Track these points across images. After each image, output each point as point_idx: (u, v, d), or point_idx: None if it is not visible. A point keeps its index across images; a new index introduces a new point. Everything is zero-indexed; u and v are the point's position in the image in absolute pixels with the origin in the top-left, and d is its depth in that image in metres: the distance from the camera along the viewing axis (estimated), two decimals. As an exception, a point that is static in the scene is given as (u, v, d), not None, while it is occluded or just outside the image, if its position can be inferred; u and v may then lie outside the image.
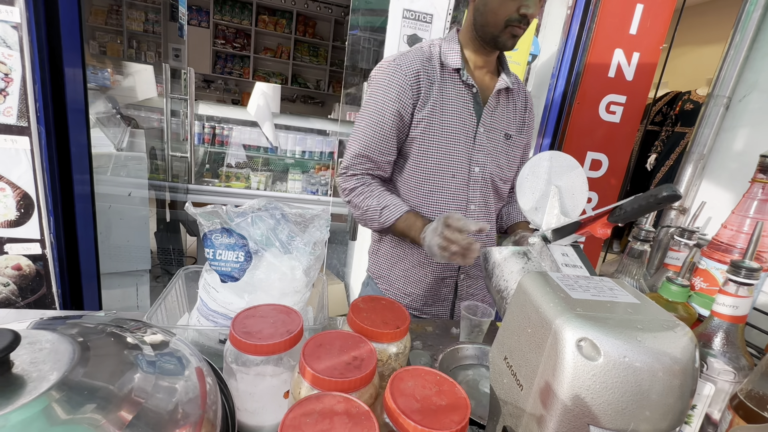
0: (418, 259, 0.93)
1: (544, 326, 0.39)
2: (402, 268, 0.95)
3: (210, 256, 0.56)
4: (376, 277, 1.00)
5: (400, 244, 0.94)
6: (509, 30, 0.81)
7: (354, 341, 0.51)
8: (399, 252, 0.95)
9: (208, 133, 2.61)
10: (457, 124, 0.88)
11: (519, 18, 0.79)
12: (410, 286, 0.95)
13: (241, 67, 5.88)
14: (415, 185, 0.91)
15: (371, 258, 1.03)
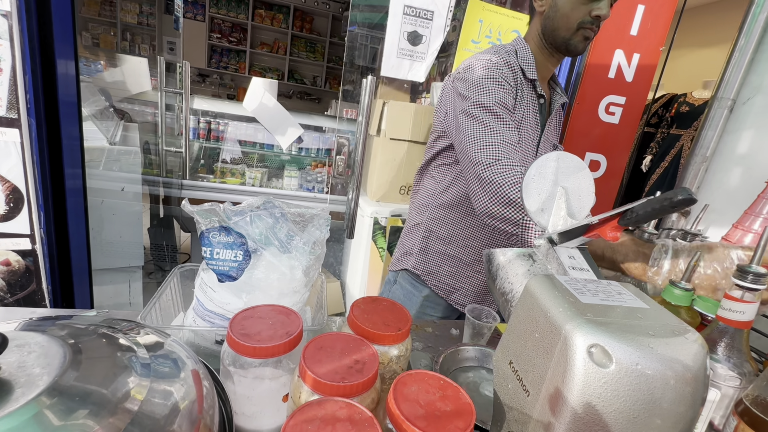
0: (469, 259, 0.95)
1: (552, 331, 0.38)
2: (451, 264, 0.97)
3: (207, 254, 0.54)
4: (425, 274, 1.01)
5: (450, 243, 0.96)
6: (581, 33, 0.80)
7: (355, 344, 0.50)
8: (450, 251, 0.97)
9: (203, 128, 2.58)
10: (529, 132, 0.89)
11: (591, 20, 0.79)
12: (460, 281, 0.97)
13: (236, 61, 5.82)
14: None
15: (418, 256, 1.01)
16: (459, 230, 0.95)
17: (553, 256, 0.49)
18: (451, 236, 0.96)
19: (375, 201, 1.99)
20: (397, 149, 1.94)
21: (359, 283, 1.92)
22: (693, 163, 0.98)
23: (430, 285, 0.99)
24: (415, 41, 1.45)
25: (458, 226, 0.95)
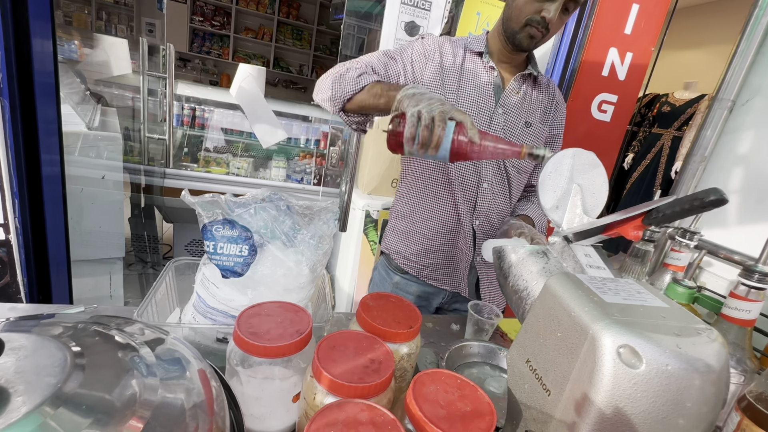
0: (431, 233, 0.96)
1: (578, 331, 0.38)
2: (416, 241, 0.98)
3: (210, 249, 0.52)
4: (394, 252, 1.03)
5: (413, 219, 0.98)
6: (528, 30, 0.83)
7: (368, 342, 0.48)
8: (413, 227, 0.98)
9: (187, 115, 2.49)
10: (474, 100, 0.90)
11: (539, 20, 0.81)
12: (426, 257, 0.98)
13: (219, 46, 5.62)
14: (430, 164, 0.93)
15: (387, 236, 1.05)
16: (420, 205, 0.96)
17: (569, 254, 0.49)
18: (412, 212, 0.97)
19: (366, 194, 1.97)
20: (390, 142, 1.91)
21: (350, 276, 1.90)
22: (691, 163, 1.00)
23: (399, 263, 1.00)
24: (412, 32, 1.42)
25: (418, 200, 0.96)
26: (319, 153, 2.75)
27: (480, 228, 0.94)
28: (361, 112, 0.82)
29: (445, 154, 0.62)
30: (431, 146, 0.61)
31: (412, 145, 0.62)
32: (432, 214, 0.95)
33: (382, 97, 0.74)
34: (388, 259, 1.04)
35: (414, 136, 0.61)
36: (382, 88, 0.76)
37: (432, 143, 0.61)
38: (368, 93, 0.77)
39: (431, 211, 0.95)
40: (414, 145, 0.62)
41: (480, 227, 0.94)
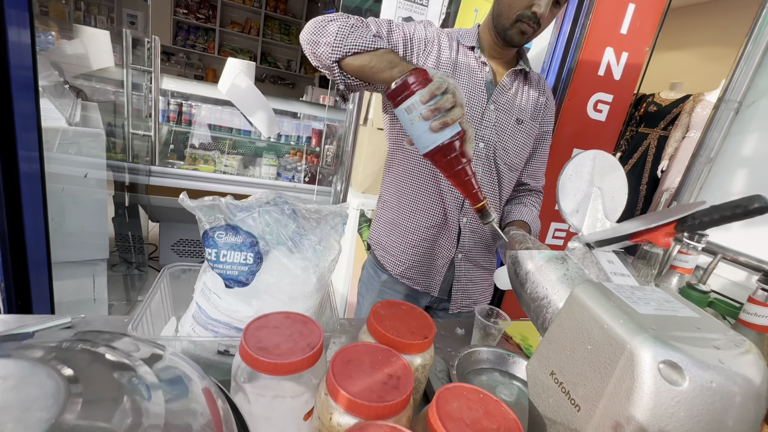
0: (413, 227, 0.93)
1: (612, 345, 0.36)
2: (397, 234, 0.95)
3: (212, 257, 0.48)
4: (375, 244, 0.99)
5: (397, 210, 0.94)
6: (518, 25, 0.81)
7: (384, 355, 0.46)
8: (396, 218, 0.95)
9: (173, 111, 2.40)
10: (467, 96, 0.87)
11: (530, 15, 0.79)
12: (405, 253, 0.94)
13: (205, 40, 5.48)
14: (416, 155, 0.89)
15: (373, 226, 1.02)
16: (404, 195, 0.92)
17: (592, 261, 0.47)
18: (398, 202, 0.94)
19: (360, 192, 1.94)
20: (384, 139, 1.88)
21: (343, 276, 1.87)
22: (697, 164, 1.00)
23: (379, 256, 0.97)
24: (410, 28, 1.39)
25: (403, 190, 0.93)
26: (309, 150, 2.70)
27: (467, 225, 0.92)
28: (359, 74, 0.72)
29: (434, 140, 0.58)
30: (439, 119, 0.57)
31: (427, 100, 0.57)
32: (417, 207, 0.92)
33: (396, 67, 0.66)
34: (375, 255, 1.01)
35: (433, 96, 0.57)
36: (397, 58, 0.69)
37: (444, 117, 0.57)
38: (380, 58, 0.69)
39: (416, 204, 0.92)
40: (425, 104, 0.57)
41: (467, 224, 0.92)
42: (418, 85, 0.57)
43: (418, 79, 0.57)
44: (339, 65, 0.73)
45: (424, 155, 0.61)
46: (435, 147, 0.59)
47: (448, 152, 0.59)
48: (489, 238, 0.97)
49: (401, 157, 0.93)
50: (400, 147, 0.93)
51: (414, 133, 0.59)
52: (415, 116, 0.58)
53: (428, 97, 0.57)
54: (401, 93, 0.58)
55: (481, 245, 0.96)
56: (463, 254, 0.94)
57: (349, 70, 0.73)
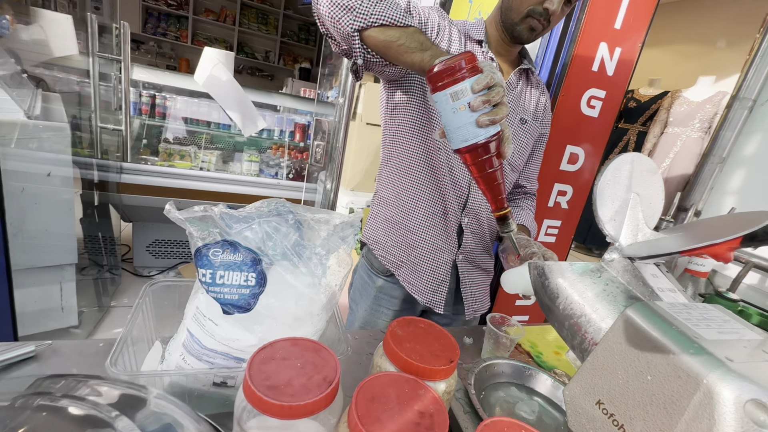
0: (413, 226, 0.87)
1: (682, 378, 0.32)
2: (398, 233, 0.89)
3: (207, 279, 0.41)
4: (373, 243, 0.93)
5: (396, 208, 0.89)
6: (529, 21, 0.77)
7: (410, 387, 0.40)
8: (396, 216, 0.89)
9: (145, 103, 2.25)
10: None
11: (541, 12, 0.75)
12: (404, 253, 0.89)
13: (177, 28, 5.21)
14: (417, 151, 0.84)
15: (369, 224, 0.95)
16: (404, 192, 0.87)
17: (634, 275, 0.43)
18: (397, 200, 0.88)
19: (349, 190, 1.87)
20: (374, 135, 1.82)
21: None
22: (709, 164, 0.99)
23: (378, 255, 0.91)
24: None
25: (402, 188, 0.87)
26: (292, 146, 2.60)
27: (468, 226, 0.88)
28: (384, 50, 0.63)
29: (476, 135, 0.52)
30: (488, 113, 0.51)
31: (479, 90, 0.50)
32: (417, 205, 0.87)
33: (428, 51, 0.59)
34: (369, 258, 0.95)
35: (487, 86, 0.51)
36: (428, 41, 0.61)
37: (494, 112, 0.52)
38: (410, 36, 0.61)
39: (416, 202, 0.87)
40: (477, 93, 0.51)
41: (468, 225, 0.87)
42: (471, 71, 0.51)
43: (472, 65, 0.51)
44: (360, 36, 0.64)
45: (457, 150, 0.55)
46: (475, 143, 0.53)
47: (486, 151, 0.53)
48: (488, 240, 0.93)
49: (400, 151, 0.87)
50: (401, 140, 0.87)
51: (454, 123, 0.52)
52: (461, 105, 0.51)
53: (482, 86, 0.50)
54: (451, 75, 0.51)
55: (481, 247, 0.91)
56: (464, 256, 0.90)
57: (372, 44, 0.64)
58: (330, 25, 0.65)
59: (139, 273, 2.48)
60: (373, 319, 0.95)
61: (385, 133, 0.91)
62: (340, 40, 0.67)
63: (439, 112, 0.54)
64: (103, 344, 0.59)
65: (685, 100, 3.16)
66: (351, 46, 0.66)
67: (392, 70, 0.75)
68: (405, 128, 0.85)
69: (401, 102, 0.85)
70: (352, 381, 0.66)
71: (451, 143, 0.55)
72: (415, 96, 0.83)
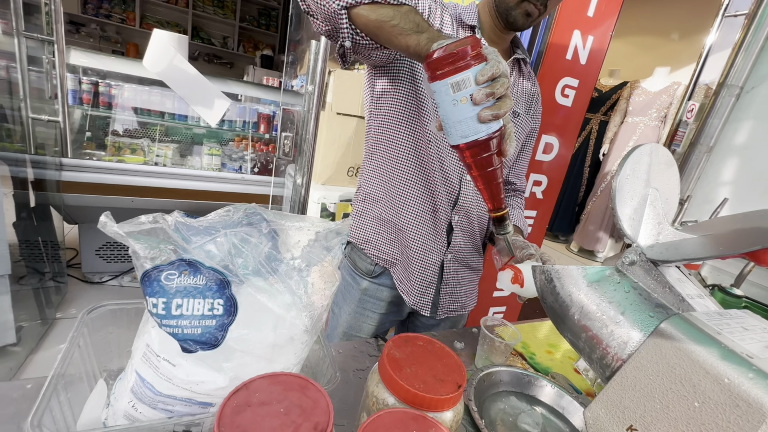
0: (403, 224, 0.82)
1: (741, 408, 0.27)
2: (388, 231, 0.84)
3: (160, 310, 0.32)
4: (362, 242, 0.87)
5: (385, 205, 0.83)
6: (524, 6, 0.72)
7: (418, 427, 0.34)
8: (385, 214, 0.83)
9: (86, 91, 2.02)
10: None
11: None
12: (397, 251, 0.84)
13: (123, 10, 4.78)
14: (406, 144, 0.78)
15: (355, 222, 0.88)
16: (392, 188, 0.82)
17: (659, 280, 0.39)
18: (385, 196, 0.83)
19: (321, 184, 1.78)
20: (345, 126, 1.73)
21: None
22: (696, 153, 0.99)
23: (369, 254, 0.86)
24: None
25: (390, 183, 0.82)
26: (257, 137, 2.45)
27: (458, 224, 0.83)
28: (375, 31, 0.56)
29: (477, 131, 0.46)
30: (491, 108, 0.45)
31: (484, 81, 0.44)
32: (406, 202, 0.81)
33: (424, 33, 0.52)
34: (353, 259, 0.89)
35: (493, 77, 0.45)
36: (425, 23, 0.54)
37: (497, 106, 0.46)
38: (404, 16, 0.54)
39: (405, 198, 0.81)
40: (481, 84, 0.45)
41: (458, 223, 0.83)
42: (476, 59, 0.44)
43: (477, 52, 0.44)
44: (349, 14, 0.56)
45: (456, 146, 0.49)
46: (475, 139, 0.46)
47: (487, 148, 0.47)
48: (478, 238, 0.88)
49: (387, 143, 0.80)
50: (388, 132, 0.79)
51: (453, 117, 0.46)
52: (463, 96, 0.44)
53: (487, 78, 0.44)
54: (454, 63, 0.44)
55: (470, 245, 0.87)
56: (453, 255, 0.85)
57: (362, 24, 0.56)
58: (312, 1, 0.57)
59: (89, 279, 2.27)
60: (358, 324, 0.88)
61: (370, 124, 0.84)
62: (324, 18, 0.58)
63: (436, 102, 0.47)
64: (31, 386, 0.48)
65: (643, 91, 3.29)
66: (337, 26, 0.58)
67: (381, 54, 0.67)
68: (392, 119, 0.78)
69: (388, 90, 0.78)
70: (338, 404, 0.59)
71: (448, 138, 0.49)
72: (403, 83, 0.76)
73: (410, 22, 0.53)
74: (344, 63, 0.65)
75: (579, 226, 3.66)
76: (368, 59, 0.70)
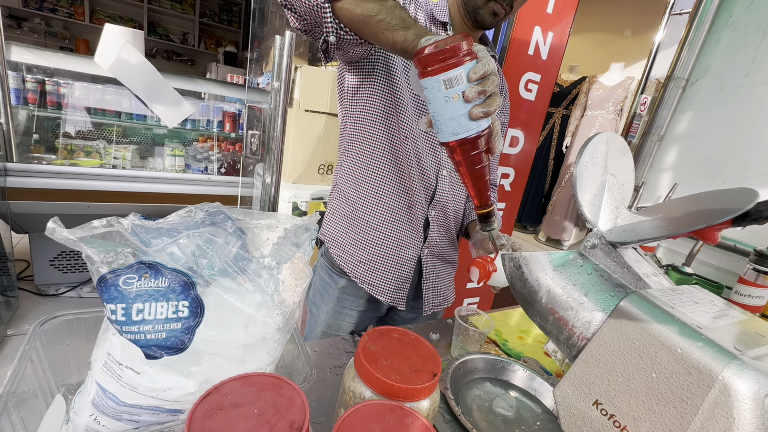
0: (375, 223, 0.81)
1: (693, 375, 0.29)
2: (357, 230, 0.83)
3: (118, 316, 0.31)
4: (330, 241, 0.86)
5: (356, 204, 0.82)
6: (491, 5, 0.73)
7: (396, 417, 0.34)
8: (356, 213, 0.83)
9: (32, 90, 1.88)
10: None
11: None
12: (365, 252, 0.82)
13: (70, 4, 4.48)
14: (381, 141, 0.78)
15: (327, 219, 0.88)
16: (366, 186, 0.82)
17: (619, 262, 0.41)
18: (357, 194, 0.83)
19: (291, 183, 1.74)
20: (314, 123, 1.70)
21: (280, 277, 1.68)
22: (648, 143, 1.04)
23: (334, 254, 0.85)
24: None
25: (364, 181, 0.82)
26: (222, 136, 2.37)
27: (435, 219, 0.84)
28: (360, 26, 0.56)
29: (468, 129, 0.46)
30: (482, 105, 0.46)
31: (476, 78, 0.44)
32: (379, 199, 0.81)
33: (411, 28, 0.51)
34: (329, 257, 0.88)
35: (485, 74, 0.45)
36: (410, 18, 0.53)
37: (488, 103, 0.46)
38: (390, 11, 0.53)
39: (378, 195, 0.81)
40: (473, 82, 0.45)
41: (435, 218, 0.84)
42: (468, 56, 0.44)
43: (468, 49, 0.44)
44: (332, 8, 0.55)
45: (445, 143, 0.49)
46: (466, 137, 0.46)
47: (477, 145, 0.47)
48: (454, 232, 0.90)
49: (362, 140, 0.80)
50: (363, 129, 0.79)
51: (445, 114, 0.46)
52: (455, 93, 0.44)
53: (479, 75, 0.44)
54: (446, 60, 0.44)
55: (447, 239, 0.88)
56: (430, 249, 0.86)
57: (346, 18, 0.55)
58: None
59: (43, 292, 2.12)
60: (337, 322, 0.87)
61: (345, 121, 0.83)
62: (304, 12, 0.56)
63: (427, 99, 0.47)
64: (-22, 408, 0.45)
65: (600, 85, 3.45)
66: (321, 21, 0.56)
67: (361, 50, 0.66)
68: (368, 115, 0.78)
69: (363, 86, 0.77)
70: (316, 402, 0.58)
71: (439, 135, 0.49)
72: (379, 78, 0.75)
73: (396, 18, 0.53)
74: (327, 59, 0.64)
75: (546, 217, 3.80)
76: (345, 55, 0.69)
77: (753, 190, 0.33)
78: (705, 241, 0.35)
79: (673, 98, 1.00)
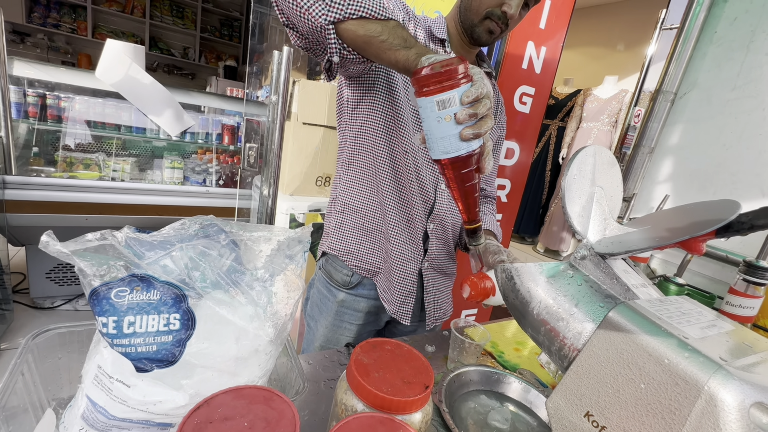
0: (385, 233, 0.82)
1: (680, 386, 0.30)
2: (371, 240, 0.83)
3: (110, 329, 0.31)
4: (344, 254, 0.85)
5: (365, 216, 0.83)
6: (487, 24, 0.75)
7: (386, 430, 0.34)
8: (366, 224, 0.84)
9: (33, 104, 1.90)
10: None
11: (499, 15, 0.74)
12: (381, 260, 0.84)
13: (73, 19, 4.56)
14: (383, 155, 0.79)
15: (334, 233, 0.87)
16: (370, 199, 0.83)
17: (607, 273, 0.41)
18: (364, 207, 0.84)
19: (289, 195, 1.75)
20: (312, 136, 1.72)
21: (277, 289, 1.67)
22: (639, 155, 1.06)
23: (351, 266, 0.86)
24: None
25: (368, 194, 0.83)
26: (221, 149, 2.39)
27: (433, 232, 0.84)
28: (363, 46, 0.56)
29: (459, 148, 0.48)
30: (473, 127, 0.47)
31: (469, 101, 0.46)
32: (383, 213, 0.82)
33: (413, 48, 0.52)
34: (329, 270, 0.88)
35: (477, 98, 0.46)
36: (412, 38, 0.54)
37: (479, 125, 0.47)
38: (392, 31, 0.54)
39: (383, 209, 0.82)
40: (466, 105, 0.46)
41: (434, 231, 0.84)
42: (464, 79, 0.46)
43: (464, 72, 0.46)
44: (336, 29, 0.55)
45: (437, 160, 0.50)
46: (456, 156, 0.48)
47: (468, 164, 0.48)
48: (452, 245, 0.90)
49: (365, 155, 0.81)
50: (365, 143, 0.80)
51: (437, 133, 0.48)
52: (447, 114, 0.46)
53: (471, 99, 0.45)
54: (441, 82, 0.45)
55: (445, 252, 0.88)
56: (430, 263, 0.86)
57: (350, 39, 0.56)
58: (294, 14, 0.55)
59: (39, 305, 2.11)
60: (336, 336, 0.87)
61: (345, 135, 0.83)
62: (308, 32, 0.57)
63: (421, 117, 0.49)
64: (-33, 423, 0.44)
65: (595, 98, 3.50)
66: (324, 41, 0.57)
67: (363, 67, 0.68)
68: (369, 129, 0.78)
69: (364, 100, 0.78)
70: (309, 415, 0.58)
71: (431, 152, 0.50)
72: (380, 93, 0.76)
73: (398, 38, 0.54)
74: (329, 77, 0.65)
75: (544, 228, 3.81)
76: (347, 71, 0.71)
77: (735, 201, 0.34)
78: (691, 252, 0.36)
79: (662, 111, 1.02)
